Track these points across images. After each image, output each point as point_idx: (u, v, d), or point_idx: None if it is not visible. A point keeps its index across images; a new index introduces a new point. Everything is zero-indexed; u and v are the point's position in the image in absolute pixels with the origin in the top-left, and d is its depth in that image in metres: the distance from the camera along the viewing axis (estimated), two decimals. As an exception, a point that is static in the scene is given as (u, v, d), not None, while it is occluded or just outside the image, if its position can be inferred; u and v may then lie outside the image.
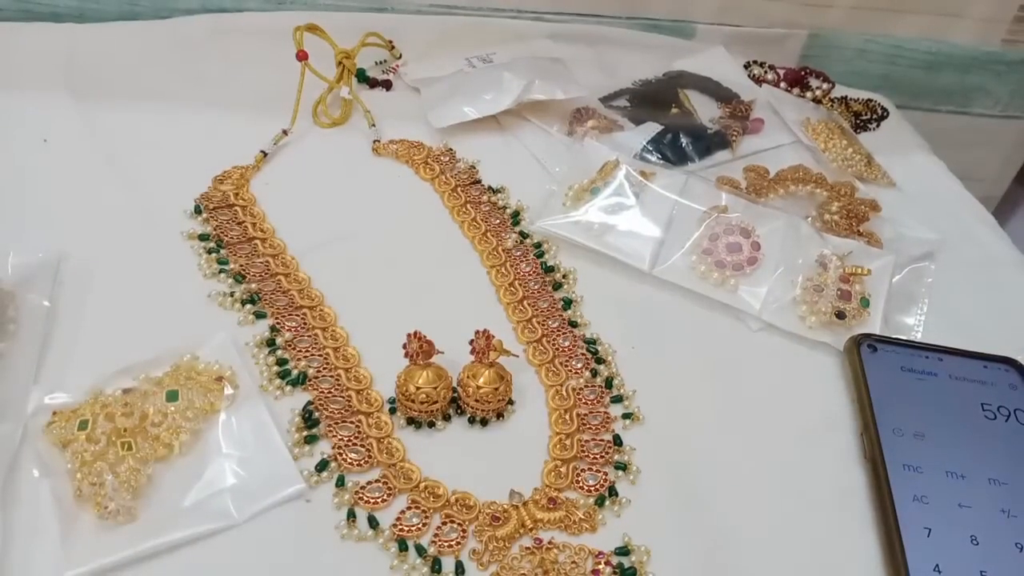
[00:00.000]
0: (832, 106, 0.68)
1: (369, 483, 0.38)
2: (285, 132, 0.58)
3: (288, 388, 0.42)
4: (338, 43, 0.61)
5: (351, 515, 0.37)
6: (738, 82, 0.69)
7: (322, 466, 0.38)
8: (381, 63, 0.69)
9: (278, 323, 0.45)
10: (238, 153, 0.56)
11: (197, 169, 0.55)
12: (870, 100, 0.70)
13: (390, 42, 0.69)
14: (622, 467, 0.39)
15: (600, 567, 0.35)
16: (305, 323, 0.45)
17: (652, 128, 0.61)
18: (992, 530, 0.36)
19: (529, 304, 0.48)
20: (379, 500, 0.37)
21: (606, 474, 0.39)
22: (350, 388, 0.42)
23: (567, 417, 0.42)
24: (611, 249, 0.51)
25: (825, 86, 0.70)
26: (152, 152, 0.56)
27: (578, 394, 0.43)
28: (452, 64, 0.67)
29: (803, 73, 0.71)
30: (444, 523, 0.37)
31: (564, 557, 0.36)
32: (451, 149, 0.60)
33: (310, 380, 0.42)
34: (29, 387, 0.40)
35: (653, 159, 0.58)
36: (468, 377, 0.41)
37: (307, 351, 0.44)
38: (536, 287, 0.49)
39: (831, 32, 0.75)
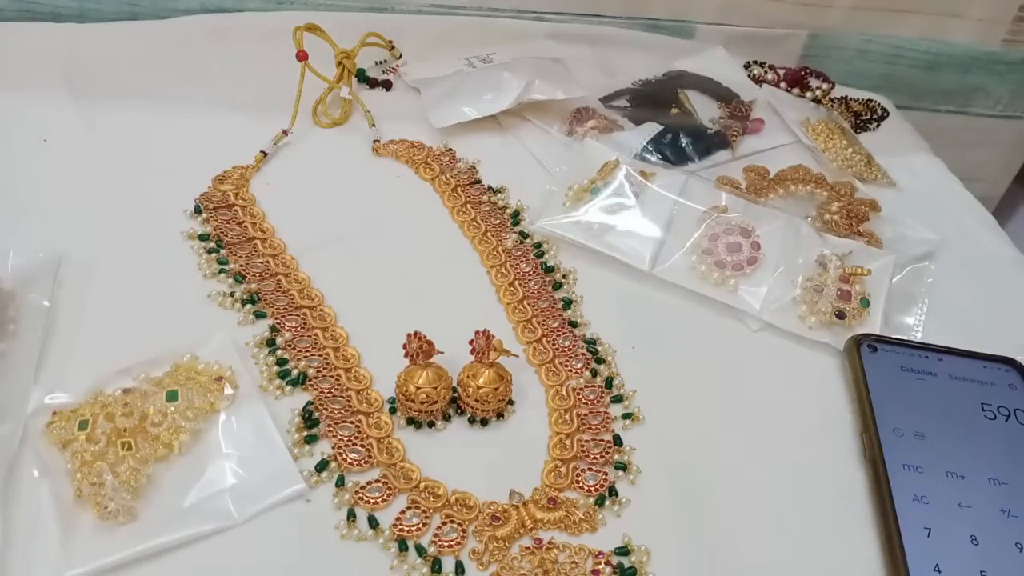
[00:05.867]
0: (832, 106, 0.68)
1: (369, 483, 0.38)
2: (285, 132, 0.58)
3: (288, 388, 0.42)
4: (338, 43, 0.61)
5: (351, 515, 0.37)
6: (738, 82, 0.69)
7: (322, 466, 0.38)
8: (381, 63, 0.69)
9: (278, 323, 0.45)
10: (238, 153, 0.56)
11: (197, 169, 0.55)
12: (870, 100, 0.70)
13: (390, 42, 0.69)
14: (622, 467, 0.40)
15: (600, 567, 0.35)
16: (305, 323, 0.45)
17: (652, 128, 0.61)
18: (992, 530, 0.36)
19: (529, 304, 0.48)
20: (379, 500, 0.37)
21: (606, 474, 0.39)
22: (350, 388, 0.42)
23: (567, 417, 0.42)
24: (611, 249, 0.51)
25: (825, 86, 0.70)
26: (152, 152, 0.56)
27: (578, 394, 0.43)
28: (452, 64, 0.67)
29: (803, 73, 0.71)
30: (444, 523, 0.37)
31: (564, 557, 0.36)
32: (451, 149, 0.60)
33: (310, 380, 0.42)
34: (29, 387, 0.40)
35: (653, 159, 0.58)
36: (468, 377, 0.41)
37: (307, 351, 0.44)
38: (536, 287, 0.49)
39: (831, 32, 0.75)
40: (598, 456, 0.40)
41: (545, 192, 0.55)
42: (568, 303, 0.48)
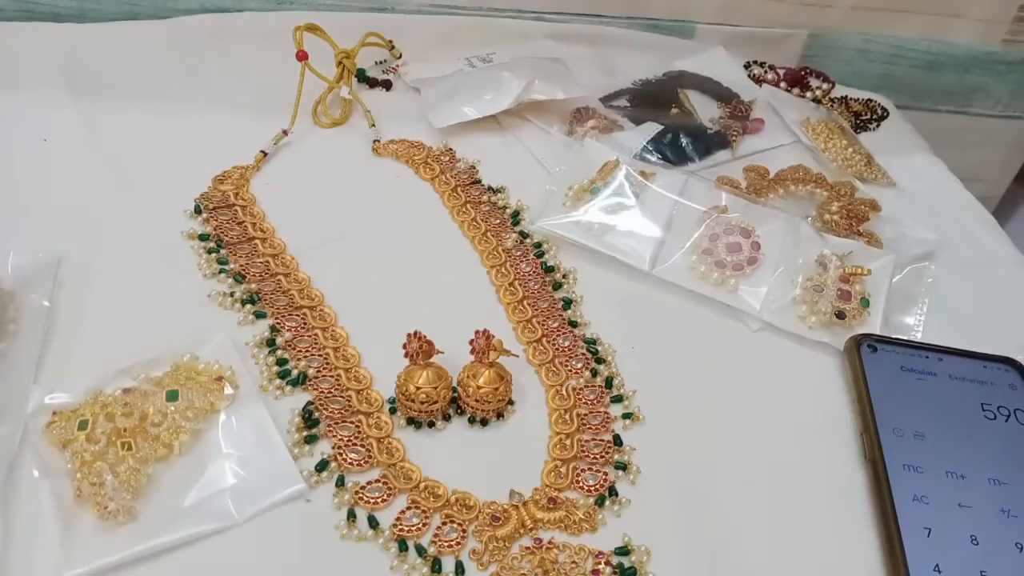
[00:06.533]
0: (832, 106, 0.68)
1: (369, 483, 0.38)
2: (285, 132, 0.58)
3: (288, 388, 0.42)
4: (338, 43, 0.61)
5: (351, 515, 0.37)
6: (738, 82, 0.69)
7: (322, 466, 0.38)
8: (381, 63, 0.69)
9: (278, 323, 0.45)
10: (238, 153, 0.56)
11: (197, 169, 0.55)
12: (870, 100, 0.70)
13: (390, 42, 0.69)
14: (622, 467, 0.40)
15: (600, 567, 0.35)
16: (305, 323, 0.45)
17: (652, 128, 0.61)
18: (992, 530, 0.36)
19: (529, 304, 0.48)
20: (379, 500, 0.37)
21: (606, 474, 0.39)
22: (350, 388, 0.42)
23: (567, 417, 0.42)
24: (611, 249, 0.51)
25: (825, 86, 0.70)
26: (152, 152, 0.56)
27: (578, 394, 0.43)
28: (452, 64, 0.67)
29: (803, 73, 0.71)
30: (444, 523, 0.37)
31: (564, 557, 0.36)
32: (451, 149, 0.60)
33: (310, 380, 0.42)
34: (29, 387, 0.40)
35: (653, 159, 0.58)
36: (468, 377, 0.41)
37: (307, 351, 0.44)
38: (536, 287, 0.49)
39: (831, 32, 0.75)
40: (598, 456, 0.40)
41: (545, 192, 0.55)
42: (568, 303, 0.48)
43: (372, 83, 0.66)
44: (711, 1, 0.73)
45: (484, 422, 0.41)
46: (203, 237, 0.50)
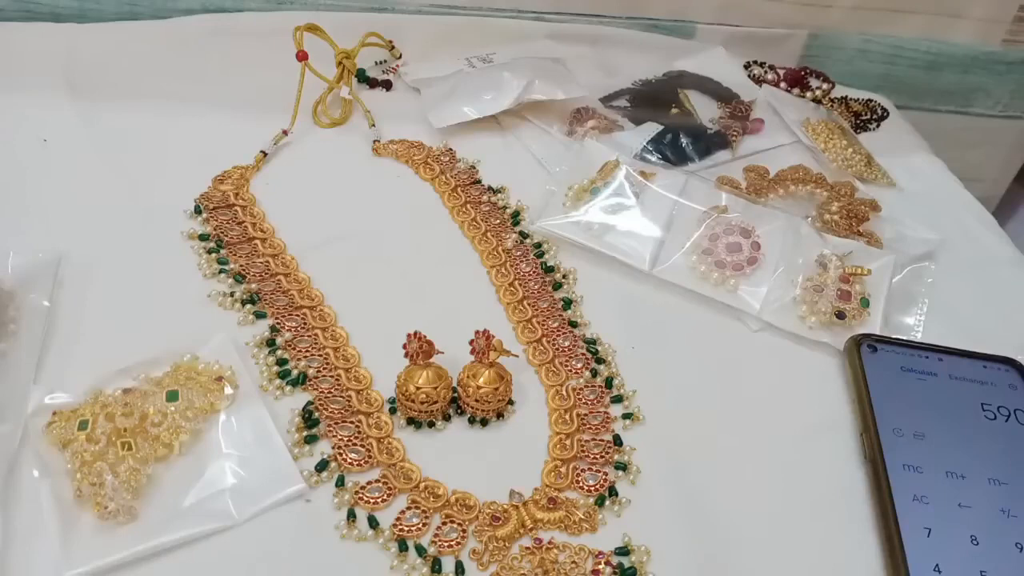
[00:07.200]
0: (832, 106, 0.68)
1: (369, 483, 0.38)
2: (285, 132, 0.58)
3: (288, 388, 0.42)
4: (338, 43, 0.61)
5: (351, 515, 0.37)
6: (738, 82, 0.69)
7: (322, 466, 0.38)
8: (381, 63, 0.69)
9: (278, 323, 0.45)
10: (238, 153, 0.56)
11: (197, 169, 0.55)
12: (870, 100, 0.70)
13: (390, 42, 0.69)
14: (622, 467, 0.40)
15: (600, 567, 0.35)
16: (305, 323, 0.45)
17: (652, 128, 0.61)
18: (992, 530, 0.36)
19: (529, 304, 0.48)
20: (379, 500, 0.37)
21: (606, 474, 0.39)
22: (350, 388, 0.42)
23: (567, 417, 0.42)
24: (611, 249, 0.51)
25: (825, 86, 0.70)
26: (152, 152, 0.56)
27: (578, 394, 0.43)
28: (452, 64, 0.68)
29: (803, 73, 0.71)
30: (444, 523, 0.37)
31: (564, 557, 0.36)
32: (451, 149, 0.60)
33: (310, 380, 0.42)
34: (29, 387, 0.40)
35: (653, 159, 0.58)
36: (468, 377, 0.41)
37: (307, 351, 0.44)
38: (536, 287, 0.49)
39: (831, 32, 0.75)
40: (598, 456, 0.40)
41: (545, 192, 0.55)
42: (568, 303, 0.48)
43: (372, 83, 0.66)
44: (711, 1, 0.73)
45: (484, 422, 0.41)
46: (203, 237, 0.50)
